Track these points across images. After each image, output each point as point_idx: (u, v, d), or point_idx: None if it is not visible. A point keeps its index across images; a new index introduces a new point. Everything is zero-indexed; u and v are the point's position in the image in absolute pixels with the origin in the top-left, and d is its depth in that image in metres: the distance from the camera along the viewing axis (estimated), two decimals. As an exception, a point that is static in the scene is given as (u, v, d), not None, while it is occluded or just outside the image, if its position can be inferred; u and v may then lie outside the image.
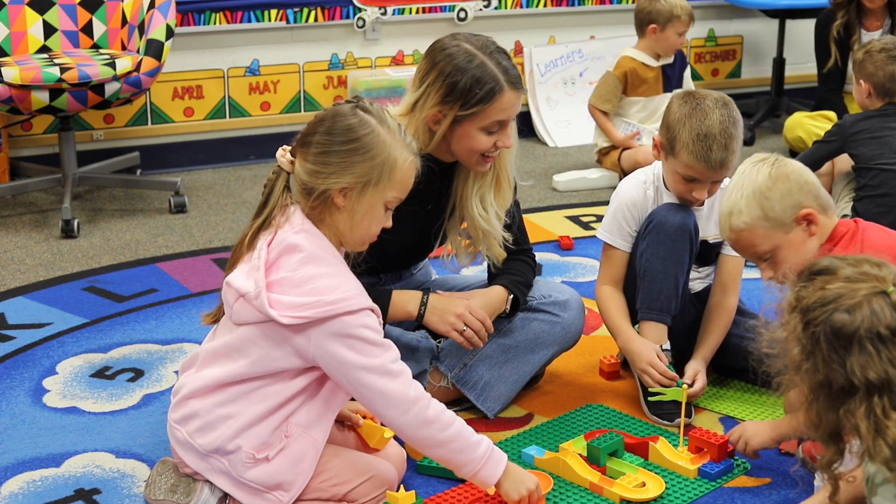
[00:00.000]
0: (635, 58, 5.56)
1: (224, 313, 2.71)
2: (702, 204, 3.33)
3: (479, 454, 2.61)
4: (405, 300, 3.11)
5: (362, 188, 2.59)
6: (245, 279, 2.60)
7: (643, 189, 3.40)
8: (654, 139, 3.33)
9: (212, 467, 2.66)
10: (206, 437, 2.65)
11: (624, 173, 5.47)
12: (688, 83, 5.70)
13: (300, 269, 2.57)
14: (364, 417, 2.89)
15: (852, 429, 2.15)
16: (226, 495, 2.70)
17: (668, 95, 5.50)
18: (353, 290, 2.57)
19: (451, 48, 2.98)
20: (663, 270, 3.25)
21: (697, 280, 3.46)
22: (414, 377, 3.17)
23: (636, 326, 3.32)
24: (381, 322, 2.63)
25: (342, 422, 2.90)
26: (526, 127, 6.44)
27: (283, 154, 2.69)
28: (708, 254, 3.44)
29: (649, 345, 3.26)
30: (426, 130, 3.01)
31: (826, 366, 2.14)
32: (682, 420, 3.05)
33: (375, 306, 2.60)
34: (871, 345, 2.10)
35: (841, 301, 2.14)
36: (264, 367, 2.61)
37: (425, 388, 3.20)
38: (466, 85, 2.94)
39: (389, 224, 2.68)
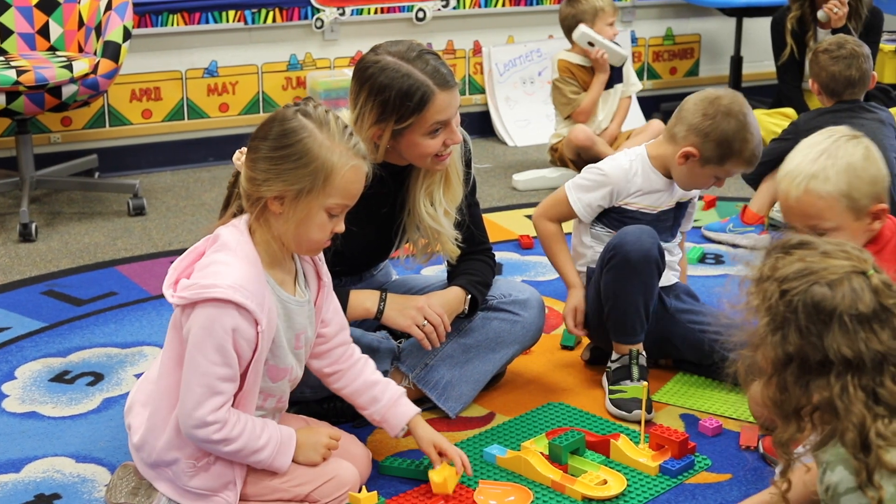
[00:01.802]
0: (570, 60, 5.63)
1: None
2: None
3: (265, 457, 2.61)
4: (363, 298, 3.12)
5: (296, 196, 2.54)
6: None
7: (629, 173, 3.43)
8: (685, 151, 3.35)
9: (158, 476, 2.68)
10: (144, 451, 2.67)
11: (573, 162, 5.51)
12: (629, 76, 5.74)
13: (210, 257, 2.57)
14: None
15: (823, 405, 2.15)
16: None
17: (610, 91, 5.59)
18: (229, 280, 2.50)
19: (374, 66, 2.95)
20: (632, 302, 3.27)
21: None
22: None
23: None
24: (259, 327, 2.54)
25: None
26: (485, 126, 6.46)
27: (240, 157, 2.67)
28: (678, 216, 3.54)
29: (573, 300, 3.47)
30: (371, 145, 2.98)
31: (802, 338, 2.13)
32: (642, 417, 3.06)
33: (254, 308, 2.51)
34: (850, 323, 2.11)
35: (822, 274, 2.15)
36: (170, 355, 2.61)
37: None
38: (396, 100, 2.91)
39: (340, 229, 2.63)
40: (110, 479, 2.83)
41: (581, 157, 5.51)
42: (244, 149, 2.66)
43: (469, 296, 3.23)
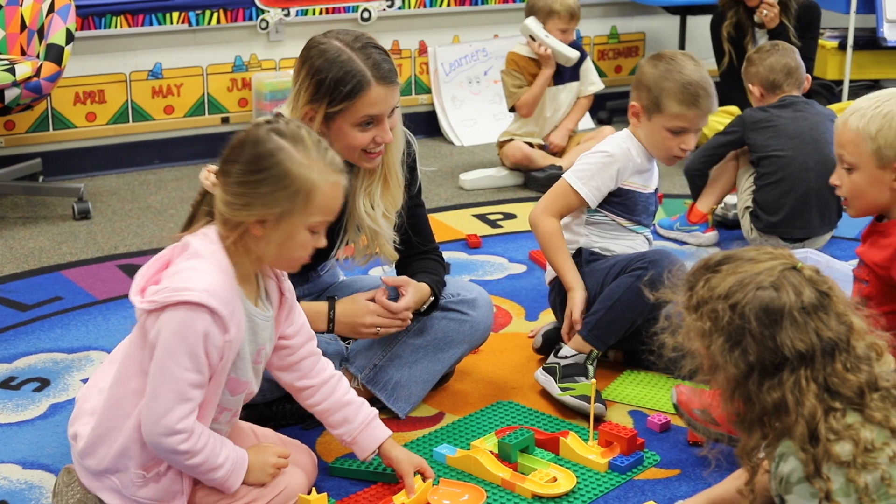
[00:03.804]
0: (521, 52, 5.66)
1: None
2: (680, 158, 3.47)
3: (220, 475, 2.59)
4: (312, 319, 3.00)
5: (278, 218, 2.50)
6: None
7: (627, 149, 3.47)
8: (631, 108, 3.46)
9: (104, 486, 2.62)
10: (93, 459, 2.61)
11: (520, 167, 5.55)
12: (587, 74, 5.75)
13: (180, 264, 2.53)
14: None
15: (774, 405, 2.18)
16: None
17: (560, 88, 5.61)
18: (203, 285, 2.46)
19: (321, 45, 2.99)
20: (628, 318, 3.29)
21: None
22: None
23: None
24: (227, 335, 2.50)
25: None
26: (431, 126, 6.46)
27: (207, 176, 2.60)
28: (655, 201, 3.57)
29: (582, 298, 3.39)
30: None
31: (758, 344, 2.17)
32: (591, 414, 3.07)
33: (226, 315, 2.47)
34: (799, 316, 2.17)
35: (761, 279, 2.20)
36: (132, 366, 2.56)
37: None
38: (332, 82, 2.94)
39: (322, 244, 2.60)
40: (55, 483, 2.80)
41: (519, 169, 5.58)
42: (212, 167, 2.60)
43: (432, 298, 3.23)
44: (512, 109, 5.69)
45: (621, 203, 3.49)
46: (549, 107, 5.66)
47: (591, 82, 5.78)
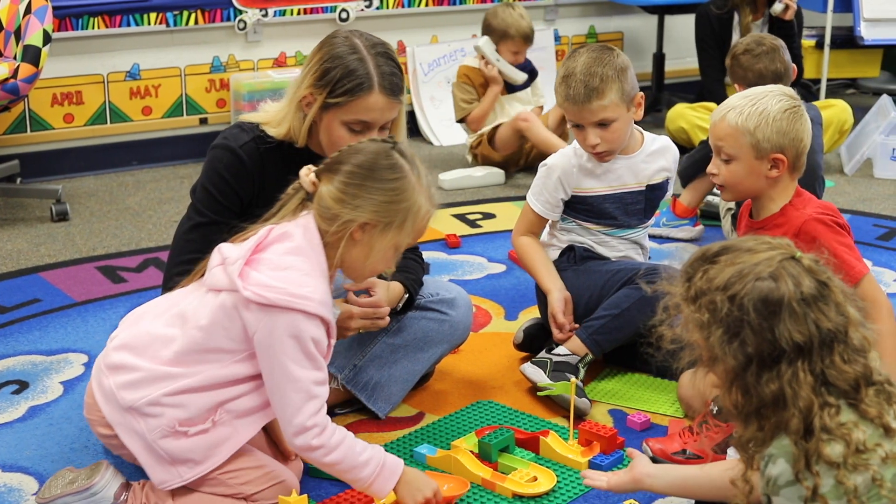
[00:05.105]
0: (473, 66, 5.78)
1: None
2: (602, 154, 3.43)
3: (367, 474, 2.62)
4: None
5: (384, 227, 2.64)
6: (235, 248, 2.64)
7: (572, 154, 3.49)
8: None
9: (126, 423, 2.63)
10: (134, 394, 2.62)
11: (494, 161, 5.59)
12: (536, 89, 5.87)
13: (284, 257, 2.60)
14: None
15: (772, 398, 2.18)
16: (127, 483, 2.71)
17: (511, 96, 5.67)
18: (318, 295, 2.57)
19: (340, 38, 3.05)
20: (631, 328, 3.28)
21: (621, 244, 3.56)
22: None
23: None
24: (330, 337, 2.63)
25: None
26: (410, 126, 6.45)
27: (308, 174, 2.70)
28: (652, 199, 3.55)
29: (560, 298, 3.41)
30: (299, 110, 3.05)
31: (757, 335, 2.16)
32: (571, 413, 3.08)
33: (330, 320, 2.61)
34: (798, 307, 2.15)
35: (759, 270, 2.18)
36: (210, 338, 2.60)
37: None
38: (338, 74, 2.98)
39: (393, 267, 2.76)
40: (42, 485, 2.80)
41: (496, 144, 5.60)
42: (312, 167, 2.70)
43: (406, 295, 3.24)
44: (460, 121, 5.79)
45: (584, 210, 3.51)
46: (500, 116, 5.74)
47: (541, 96, 5.89)
